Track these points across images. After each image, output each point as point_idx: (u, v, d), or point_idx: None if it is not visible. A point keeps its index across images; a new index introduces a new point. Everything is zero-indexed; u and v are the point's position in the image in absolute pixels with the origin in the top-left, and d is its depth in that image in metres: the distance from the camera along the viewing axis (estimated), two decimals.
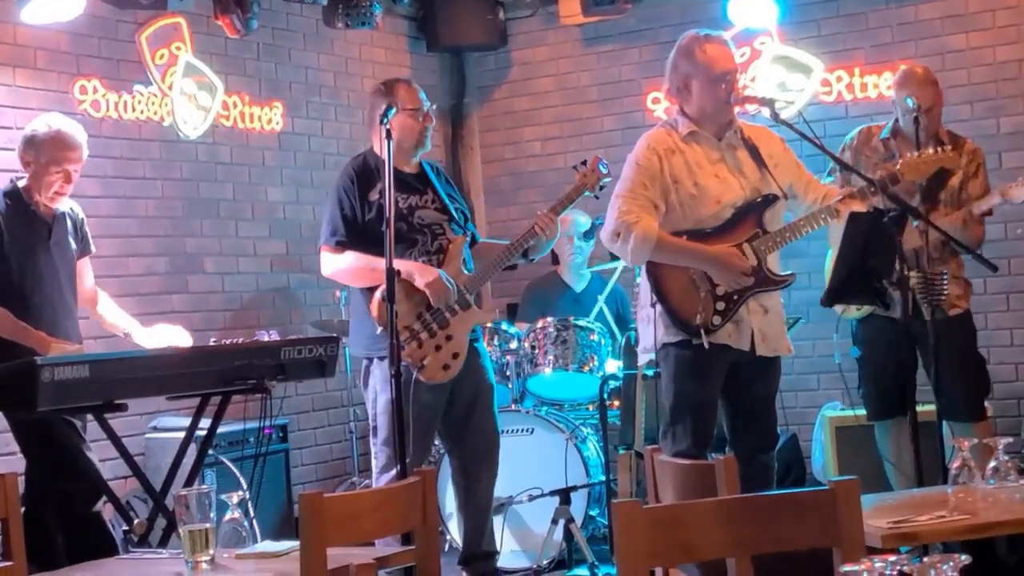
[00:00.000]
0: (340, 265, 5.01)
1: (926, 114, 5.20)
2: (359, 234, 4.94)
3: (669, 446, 4.41)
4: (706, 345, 4.40)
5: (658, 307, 4.47)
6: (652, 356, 4.60)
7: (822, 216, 4.45)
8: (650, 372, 5.15)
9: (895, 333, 4.66)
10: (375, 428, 4.98)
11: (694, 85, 4.50)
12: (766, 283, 4.48)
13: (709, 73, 4.46)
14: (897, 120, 5.35)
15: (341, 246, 4.98)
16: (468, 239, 5.11)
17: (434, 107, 5.16)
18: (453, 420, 5.08)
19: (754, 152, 4.54)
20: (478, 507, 5.15)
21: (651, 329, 4.50)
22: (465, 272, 5.03)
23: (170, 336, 4.95)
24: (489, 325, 5.91)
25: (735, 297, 4.43)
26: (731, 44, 4.61)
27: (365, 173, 5.00)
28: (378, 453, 4.96)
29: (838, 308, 5.39)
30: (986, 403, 5.49)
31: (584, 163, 5.09)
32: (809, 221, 4.47)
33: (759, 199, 4.50)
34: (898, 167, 4.53)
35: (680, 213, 4.48)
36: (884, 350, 5.16)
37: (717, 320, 4.42)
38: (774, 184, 4.52)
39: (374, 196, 4.95)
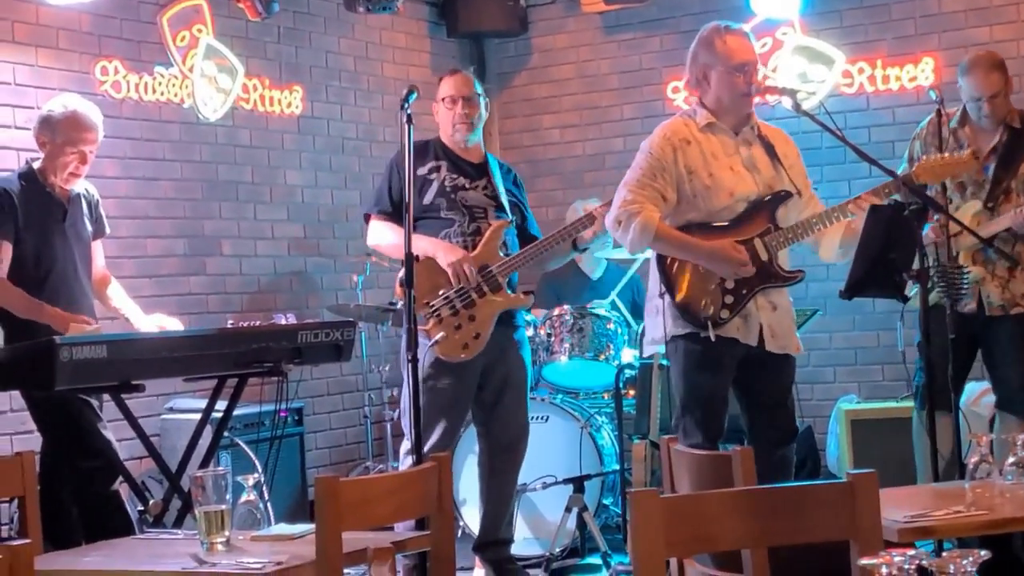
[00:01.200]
0: (381, 237, 5.10)
1: (990, 101, 5.13)
2: (402, 208, 4.98)
3: (681, 439, 4.40)
4: (713, 338, 4.40)
5: (666, 298, 4.46)
6: (659, 349, 4.59)
7: (835, 214, 4.44)
8: (666, 363, 5.13)
9: (957, 326, 4.66)
10: (405, 408, 5.00)
11: (713, 75, 4.49)
12: (775, 279, 4.47)
13: (728, 63, 4.46)
14: (965, 108, 5.26)
15: (383, 216, 5.05)
16: (513, 224, 5.09)
17: (477, 97, 5.11)
18: (483, 404, 5.11)
19: (770, 150, 4.55)
20: (499, 494, 5.15)
21: (659, 320, 4.49)
22: (501, 255, 5.02)
23: (166, 325, 4.96)
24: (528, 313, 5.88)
25: (743, 291, 4.43)
26: (751, 36, 4.60)
27: (421, 150, 5.06)
28: (407, 433, 4.98)
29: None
30: None
31: None
32: (822, 219, 4.45)
33: (772, 195, 4.49)
34: (914, 170, 4.52)
35: (693, 204, 4.47)
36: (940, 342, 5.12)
37: (725, 313, 4.42)
38: (788, 182, 4.52)
39: (421, 171, 5.03)
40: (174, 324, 4.98)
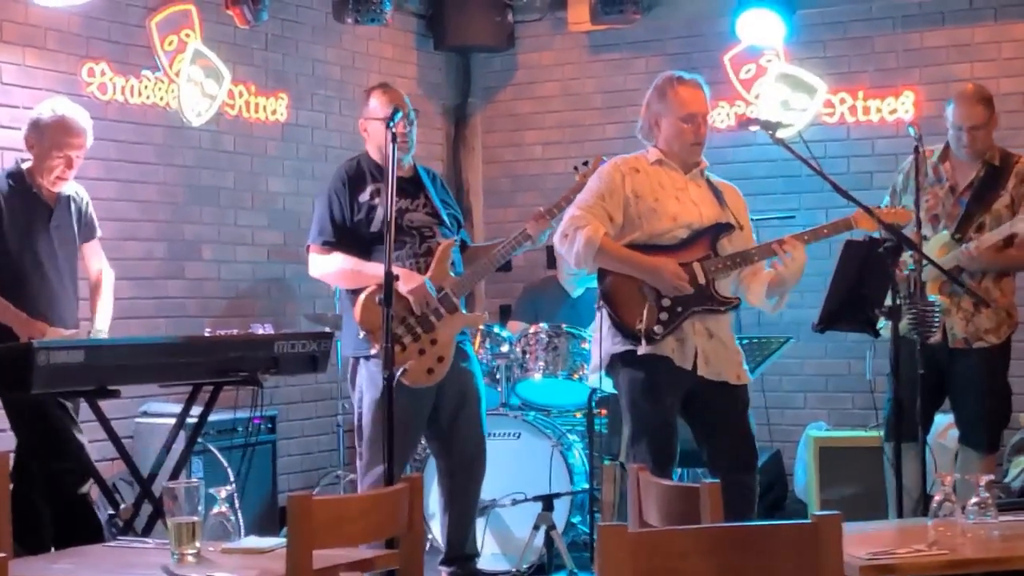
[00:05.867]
0: (326, 267, 5.05)
1: (969, 132, 5.19)
2: (346, 236, 4.98)
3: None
4: (644, 351, 4.49)
5: (604, 312, 4.56)
6: (599, 375, 4.67)
7: (773, 246, 4.57)
8: (601, 391, 5.15)
9: (926, 359, 4.73)
10: (360, 428, 5.01)
11: (664, 123, 4.68)
12: (712, 302, 4.58)
13: (678, 113, 4.63)
14: (948, 144, 5.32)
15: (328, 247, 5.01)
16: (458, 243, 5.13)
17: (410, 112, 4.97)
18: (439, 424, 5.09)
19: (718, 195, 4.72)
20: (462, 511, 5.17)
21: (597, 348, 4.60)
22: (452, 275, 5.05)
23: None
24: (481, 328, 5.94)
25: (679, 309, 4.54)
26: (705, 88, 4.74)
27: (357, 175, 5.04)
28: (363, 452, 5.00)
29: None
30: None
31: (586, 163, 5.16)
32: (760, 251, 4.61)
33: (715, 224, 4.65)
34: (853, 215, 4.57)
35: (637, 225, 4.61)
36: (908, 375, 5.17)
37: (659, 329, 4.52)
38: (732, 219, 4.67)
39: (363, 198, 4.99)
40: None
